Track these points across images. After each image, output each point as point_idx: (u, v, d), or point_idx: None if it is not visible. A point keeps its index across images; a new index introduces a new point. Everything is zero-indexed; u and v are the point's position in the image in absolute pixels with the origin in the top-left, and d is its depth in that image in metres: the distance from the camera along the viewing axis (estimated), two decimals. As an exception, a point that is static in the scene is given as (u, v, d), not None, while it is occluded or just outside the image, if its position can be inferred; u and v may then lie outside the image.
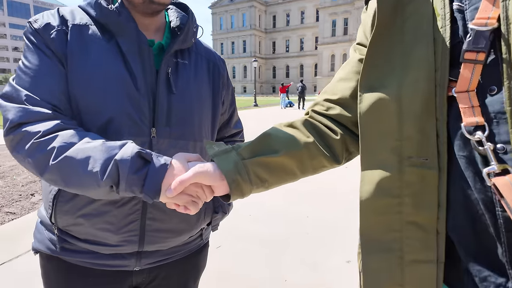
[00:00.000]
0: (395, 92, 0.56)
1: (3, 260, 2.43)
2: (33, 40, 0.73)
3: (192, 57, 0.88)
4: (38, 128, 0.65)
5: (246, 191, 0.66)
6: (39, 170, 0.66)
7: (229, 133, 1.07)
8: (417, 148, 0.54)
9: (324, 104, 0.75)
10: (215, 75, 0.94)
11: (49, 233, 0.81)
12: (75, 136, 0.66)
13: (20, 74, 0.72)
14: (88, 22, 0.76)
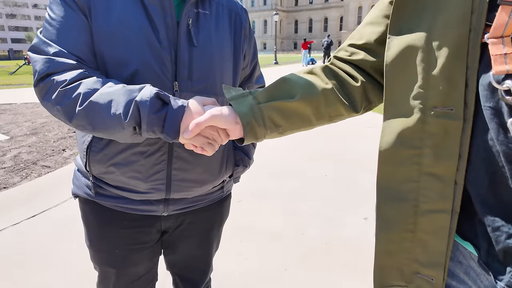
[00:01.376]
0: (425, 36, 0.52)
1: (43, 209, 2.67)
2: None
3: (213, 7, 0.85)
4: (64, 77, 0.68)
5: (260, 135, 0.67)
6: (67, 117, 0.69)
7: (251, 89, 1.06)
8: (443, 97, 0.51)
9: (348, 50, 0.72)
10: (237, 25, 0.91)
11: (86, 180, 0.87)
12: (98, 82, 0.68)
13: (46, 26, 0.73)
14: None
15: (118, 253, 0.92)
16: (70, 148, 4.11)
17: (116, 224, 0.90)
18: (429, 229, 0.56)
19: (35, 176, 3.28)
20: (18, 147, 4.14)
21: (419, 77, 0.53)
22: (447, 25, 0.50)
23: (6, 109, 6.88)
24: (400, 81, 0.56)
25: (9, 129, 5.05)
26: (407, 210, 0.57)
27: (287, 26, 68.92)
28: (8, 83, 13.50)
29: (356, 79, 0.69)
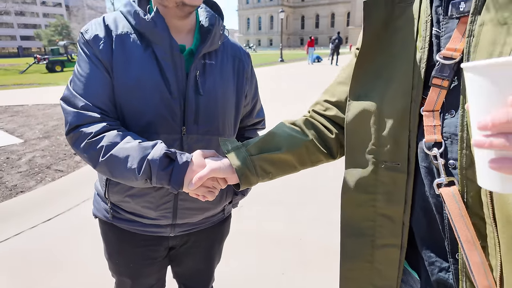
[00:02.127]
0: (378, 103, 0.64)
1: (58, 212, 2.85)
2: (85, 50, 0.87)
3: (218, 57, 0.97)
4: (90, 130, 0.82)
5: (253, 181, 0.80)
6: (92, 164, 0.83)
7: (251, 122, 1.18)
8: (391, 154, 0.63)
9: (323, 105, 0.85)
10: (240, 71, 1.02)
11: (104, 204, 1.02)
12: (118, 136, 0.81)
13: (75, 79, 0.87)
14: (129, 31, 0.87)
15: (132, 266, 1.08)
16: (81, 152, 4.30)
17: (130, 243, 1.05)
18: (383, 260, 0.69)
19: (49, 180, 3.46)
20: (32, 150, 4.34)
21: (372, 136, 0.66)
22: (394, 96, 0.62)
23: (19, 111, 7.11)
24: (357, 138, 0.69)
25: (23, 132, 5.26)
26: (365, 244, 0.70)
27: (294, 22, 68.48)
28: (19, 83, 13.80)
29: (331, 131, 0.82)
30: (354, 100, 0.68)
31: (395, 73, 0.62)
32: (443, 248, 0.60)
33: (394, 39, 0.63)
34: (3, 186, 3.30)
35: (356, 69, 0.68)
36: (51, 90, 11.33)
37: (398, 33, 0.63)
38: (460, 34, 0.54)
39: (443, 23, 0.57)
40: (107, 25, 0.87)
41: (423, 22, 0.60)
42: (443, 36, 0.57)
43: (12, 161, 3.97)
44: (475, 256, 0.52)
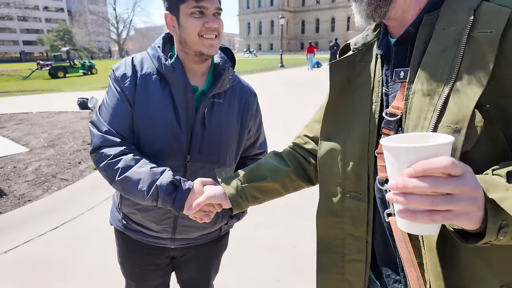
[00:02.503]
0: (342, 145, 0.79)
1: (65, 220, 2.99)
2: (114, 85, 1.03)
3: (226, 97, 1.11)
4: (110, 152, 0.97)
5: (244, 206, 0.94)
6: (109, 181, 0.99)
7: (253, 153, 1.31)
8: (354, 186, 0.78)
9: (303, 139, 1.00)
10: (245, 109, 1.16)
11: (118, 214, 1.18)
12: (133, 160, 0.96)
13: (103, 107, 1.04)
14: (152, 71, 1.04)
15: (138, 271, 1.24)
16: (85, 161, 4.45)
17: (137, 250, 1.21)
18: (352, 272, 0.83)
19: (55, 189, 3.61)
20: (38, 159, 4.49)
21: (339, 171, 0.80)
22: (355, 140, 0.76)
23: (24, 118, 7.28)
24: (328, 171, 0.83)
25: (28, 141, 5.42)
26: (337, 259, 0.84)
27: (294, 27, 68.94)
28: (22, 89, 14.00)
29: (310, 162, 0.96)
30: (324, 140, 0.83)
31: (356, 121, 0.77)
32: (396, 264, 0.74)
33: (355, 94, 0.78)
34: (11, 195, 3.45)
35: (325, 116, 0.83)
36: (55, 97, 11.53)
37: (358, 89, 0.77)
38: (402, 95, 0.68)
39: (391, 84, 0.72)
40: (134, 65, 1.04)
41: (377, 80, 0.75)
42: (390, 95, 0.72)
43: (19, 170, 4.12)
44: (412, 271, 0.66)
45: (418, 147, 0.44)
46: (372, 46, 0.78)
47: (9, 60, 75.21)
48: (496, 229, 0.46)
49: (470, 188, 0.44)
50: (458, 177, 0.44)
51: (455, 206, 0.44)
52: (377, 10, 0.68)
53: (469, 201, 0.45)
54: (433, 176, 0.44)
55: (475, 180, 0.46)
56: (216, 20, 0.98)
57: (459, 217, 0.45)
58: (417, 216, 0.45)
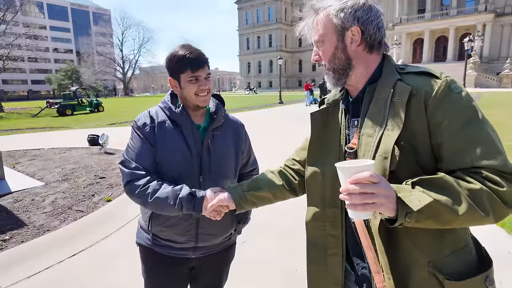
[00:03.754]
0: (321, 168, 1.12)
1: (82, 248, 3.24)
2: (137, 132, 1.40)
3: (222, 129, 1.50)
4: (140, 183, 1.31)
5: (244, 207, 1.28)
6: (143, 204, 1.32)
7: (247, 170, 1.68)
8: (331, 198, 1.10)
9: (292, 161, 1.35)
10: (236, 136, 1.56)
11: (147, 234, 1.49)
12: (158, 185, 1.31)
13: (128, 149, 1.39)
14: (165, 119, 1.42)
15: (160, 282, 1.52)
16: (98, 193, 4.74)
17: (163, 262, 1.50)
18: (333, 264, 1.13)
19: (72, 219, 3.88)
20: (54, 193, 4.79)
21: (320, 188, 1.13)
22: (330, 165, 1.09)
23: (37, 154, 7.66)
24: (312, 188, 1.16)
25: (43, 175, 5.74)
26: (321, 253, 1.15)
27: (292, 66, 72.08)
28: (32, 126, 14.57)
29: (296, 179, 1.31)
30: (309, 165, 1.18)
31: (330, 152, 1.12)
32: (361, 254, 1.05)
33: (329, 134, 1.14)
34: (31, 225, 3.71)
35: (309, 149, 1.18)
36: (64, 133, 12.02)
37: (331, 131, 1.14)
38: (357, 136, 1.04)
39: (350, 128, 1.08)
40: (151, 116, 1.41)
41: (342, 125, 1.11)
42: (350, 135, 1.08)
43: (37, 202, 4.41)
44: (370, 255, 0.98)
45: (353, 167, 0.79)
46: (339, 102, 1.16)
47: (16, 99, 77.57)
48: (403, 215, 0.80)
49: (384, 189, 0.79)
50: (377, 183, 0.78)
51: (376, 200, 0.78)
52: (339, 81, 1.07)
53: (384, 197, 0.78)
54: (363, 183, 0.78)
55: (388, 184, 0.80)
56: (207, 82, 1.37)
57: (380, 207, 0.79)
58: (357, 207, 0.79)
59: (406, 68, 1.01)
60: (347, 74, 1.05)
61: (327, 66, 1.06)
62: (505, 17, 44.56)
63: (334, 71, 1.05)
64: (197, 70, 1.34)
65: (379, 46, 1.03)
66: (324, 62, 1.07)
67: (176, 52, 1.35)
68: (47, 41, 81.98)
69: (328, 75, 1.08)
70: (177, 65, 1.34)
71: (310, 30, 1.07)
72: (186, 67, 1.33)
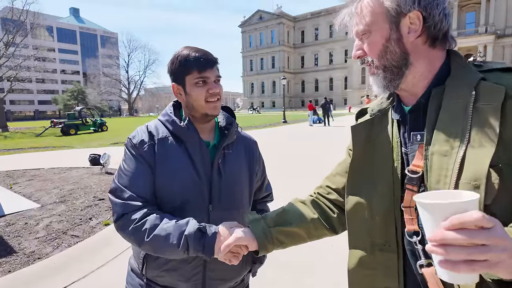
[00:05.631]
0: (368, 199, 0.86)
1: (75, 278, 2.92)
2: (132, 152, 1.13)
3: (234, 147, 1.24)
4: (135, 216, 1.02)
5: (270, 249, 1.00)
6: (138, 244, 1.03)
7: (261, 196, 1.41)
8: (383, 238, 0.84)
9: (326, 189, 1.08)
10: (250, 156, 1.29)
11: (140, 280, 1.19)
12: (158, 218, 1.02)
13: (121, 174, 1.11)
14: (167, 135, 1.15)
15: None
16: (96, 216, 4.46)
17: None
18: None
19: (65, 246, 3.58)
20: (49, 216, 4.50)
21: (367, 224, 0.87)
22: (380, 195, 0.84)
23: (36, 175, 7.43)
24: (355, 225, 0.90)
25: (40, 197, 5.48)
26: None
27: (295, 86, 72.80)
28: (35, 146, 14.44)
29: (334, 211, 1.04)
30: (350, 195, 0.92)
31: (379, 178, 0.86)
32: None
33: (376, 153, 0.89)
34: (21, 252, 3.42)
35: (350, 172, 0.93)
36: (66, 153, 11.84)
37: (379, 149, 0.88)
38: (420, 155, 0.79)
39: (409, 145, 0.83)
40: (150, 132, 1.15)
41: (395, 141, 0.86)
42: (409, 154, 0.83)
43: (30, 226, 4.12)
44: None
45: (451, 203, 0.52)
46: (387, 112, 0.91)
47: (23, 119, 78.57)
48: None
49: (501, 239, 0.51)
50: (489, 229, 0.51)
51: (490, 256, 0.50)
52: (392, 83, 0.83)
53: (502, 250, 0.50)
54: (468, 229, 0.50)
55: (504, 231, 0.53)
56: (217, 86, 1.13)
57: (495, 266, 0.51)
58: (459, 266, 0.50)
59: (484, 65, 0.77)
60: (402, 74, 0.81)
61: (375, 64, 0.83)
62: (506, 38, 45.12)
63: (386, 70, 0.82)
64: (204, 70, 1.10)
65: (444, 39, 0.80)
66: (370, 58, 0.83)
67: (180, 52, 1.13)
68: (55, 63, 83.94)
69: (377, 75, 0.84)
70: (182, 66, 1.11)
71: (353, 18, 0.85)
72: (192, 68, 1.10)
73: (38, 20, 32.22)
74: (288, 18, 71.18)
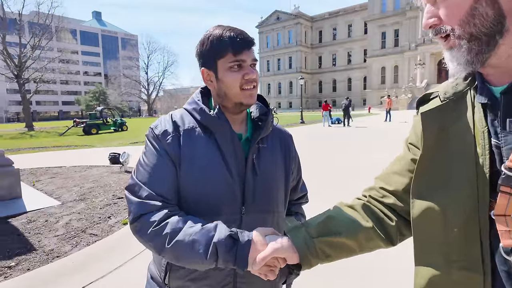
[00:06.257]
0: (442, 204, 0.68)
1: (93, 279, 2.85)
2: (153, 143, 0.98)
3: (269, 141, 1.09)
4: (154, 218, 0.87)
5: (313, 263, 0.83)
6: (157, 251, 0.88)
7: (296, 197, 1.25)
8: (463, 254, 0.65)
9: (380, 192, 0.89)
10: (286, 151, 1.13)
11: None
12: (180, 221, 0.87)
13: (140, 168, 0.96)
14: (194, 125, 1.00)
15: None
16: (114, 215, 4.41)
17: None
18: None
19: (84, 244, 3.53)
20: (69, 213, 4.50)
21: (441, 235, 0.68)
22: (459, 197, 0.66)
23: (58, 172, 7.55)
24: (425, 236, 0.71)
25: (60, 194, 5.52)
26: None
27: (312, 87, 72.01)
28: (59, 145, 14.85)
29: (391, 219, 0.85)
30: (418, 198, 0.73)
31: (458, 178, 0.67)
32: None
33: (452, 147, 0.70)
34: (41, 250, 3.39)
35: (417, 172, 0.74)
36: (87, 152, 12.08)
37: (455, 141, 0.69)
38: None
39: (502, 136, 0.64)
40: (175, 122, 1.00)
41: (479, 132, 0.67)
42: (503, 147, 0.64)
43: (50, 224, 4.12)
44: None
45: None
46: (465, 95, 0.73)
47: (48, 119, 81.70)
48: None
49: None
50: None
51: None
52: (478, 56, 0.64)
53: None
54: None
55: None
56: (254, 71, 0.98)
57: None
58: None
59: None
60: (495, 44, 0.62)
61: (456, 33, 0.64)
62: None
63: (472, 39, 0.63)
64: (240, 52, 0.95)
65: None
66: (449, 26, 0.65)
67: (212, 31, 0.98)
68: (78, 65, 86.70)
69: (458, 48, 0.65)
70: (214, 47, 0.96)
71: None
72: (226, 50, 0.94)
73: (63, 23, 33.43)
74: (305, 18, 70.54)
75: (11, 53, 28.08)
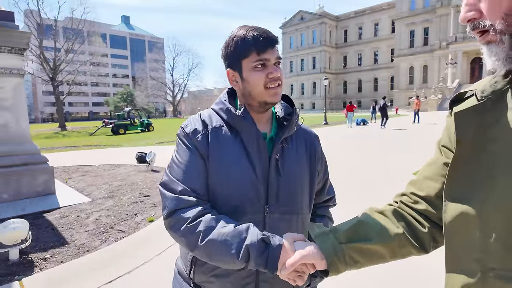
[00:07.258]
0: (478, 208, 0.64)
1: (121, 273, 2.95)
2: (184, 141, 1.01)
3: (293, 140, 1.08)
4: (188, 215, 0.90)
5: (341, 270, 0.81)
6: (190, 247, 0.90)
7: (323, 199, 1.22)
8: (501, 261, 0.60)
9: (411, 197, 0.85)
10: (312, 152, 1.12)
11: (187, 285, 1.07)
12: (213, 220, 0.89)
13: (173, 165, 1.00)
14: (221, 124, 1.03)
15: None
16: (141, 213, 4.56)
17: None
18: None
19: (112, 240, 3.67)
20: (98, 210, 4.70)
21: (477, 241, 0.64)
22: (500, 201, 0.61)
23: (88, 171, 7.90)
24: (459, 241, 0.67)
25: (91, 191, 5.77)
26: None
27: (336, 87, 70.79)
28: (89, 144, 15.56)
29: (424, 225, 0.82)
30: (451, 201, 0.69)
31: (497, 181, 0.62)
32: None
33: (492, 147, 0.65)
34: (72, 244, 3.56)
35: (450, 174, 0.70)
36: (115, 151, 12.55)
37: (496, 142, 0.65)
38: None
39: None
40: (204, 120, 1.03)
41: None
42: None
43: (81, 219, 4.32)
44: None
45: None
46: (505, 94, 0.68)
47: (79, 119, 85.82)
48: None
49: None
50: None
51: None
52: None
53: None
54: None
55: None
56: (278, 69, 0.99)
57: None
58: None
59: None
60: None
61: (498, 28, 0.61)
62: None
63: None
64: (264, 51, 0.96)
65: None
66: (488, 21, 0.62)
67: (236, 32, 1.00)
68: (107, 67, 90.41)
69: (498, 43, 0.62)
70: (238, 48, 0.98)
71: None
72: (250, 49, 0.96)
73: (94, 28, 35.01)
74: (330, 18, 69.50)
75: (46, 57, 29.74)
